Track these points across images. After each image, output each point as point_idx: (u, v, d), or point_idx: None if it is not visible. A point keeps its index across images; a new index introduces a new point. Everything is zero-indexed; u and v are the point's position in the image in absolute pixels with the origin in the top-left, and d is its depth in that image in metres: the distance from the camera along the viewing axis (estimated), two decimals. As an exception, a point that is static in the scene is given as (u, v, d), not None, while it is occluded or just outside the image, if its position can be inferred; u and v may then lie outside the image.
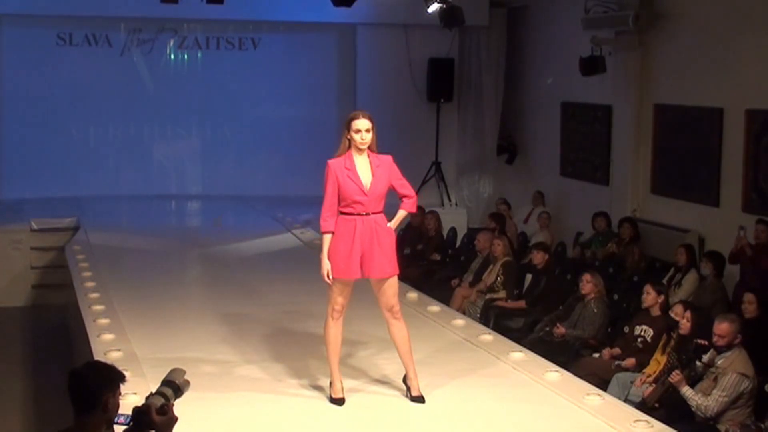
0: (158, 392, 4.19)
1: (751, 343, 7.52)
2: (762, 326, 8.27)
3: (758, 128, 10.91)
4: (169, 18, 15.40)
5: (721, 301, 9.54)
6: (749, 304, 8.37)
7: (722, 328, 7.28)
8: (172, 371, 4.29)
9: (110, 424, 4.26)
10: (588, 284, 9.42)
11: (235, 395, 6.73)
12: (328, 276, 6.56)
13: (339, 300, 6.61)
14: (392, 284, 6.64)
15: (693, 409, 7.21)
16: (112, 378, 4.27)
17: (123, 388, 4.36)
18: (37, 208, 14.29)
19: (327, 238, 6.58)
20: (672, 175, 12.46)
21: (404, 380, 6.81)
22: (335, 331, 6.65)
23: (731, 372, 7.15)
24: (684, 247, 10.51)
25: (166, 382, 4.24)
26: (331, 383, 6.71)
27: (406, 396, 6.72)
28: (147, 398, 4.17)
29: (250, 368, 7.33)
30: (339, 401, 6.64)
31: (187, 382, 4.28)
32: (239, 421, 6.32)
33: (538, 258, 10.94)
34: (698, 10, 12.01)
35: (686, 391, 7.26)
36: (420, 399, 6.66)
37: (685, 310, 8.02)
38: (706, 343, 7.44)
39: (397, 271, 6.68)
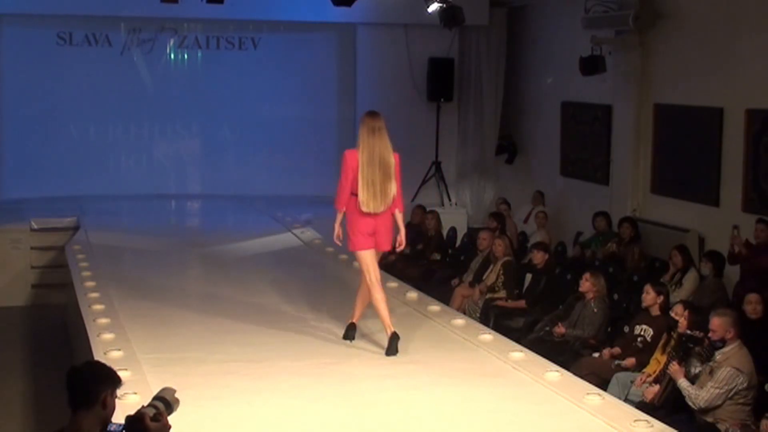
0: (150, 405, 4.26)
1: (754, 342, 7.53)
2: (763, 326, 8.27)
3: (758, 128, 10.91)
4: (169, 17, 15.38)
5: (721, 301, 9.52)
6: (757, 304, 8.35)
7: (714, 321, 7.34)
8: (163, 389, 4.37)
9: (106, 425, 4.27)
10: (586, 283, 9.43)
11: (235, 395, 6.73)
12: None
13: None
14: None
15: (686, 398, 7.25)
16: (111, 377, 4.31)
17: (123, 388, 4.38)
18: (37, 207, 14.28)
19: None
20: (672, 175, 12.46)
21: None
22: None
23: (726, 366, 7.18)
24: (677, 249, 10.47)
25: (158, 398, 4.31)
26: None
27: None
28: (139, 410, 4.22)
29: (250, 368, 7.33)
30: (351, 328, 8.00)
31: (177, 401, 4.35)
32: (239, 420, 6.32)
33: (538, 258, 10.94)
34: (698, 10, 12.01)
35: (682, 381, 7.30)
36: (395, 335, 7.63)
37: (684, 309, 8.04)
38: (702, 334, 7.47)
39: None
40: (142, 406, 4.25)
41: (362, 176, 7.62)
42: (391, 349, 7.59)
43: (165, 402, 4.28)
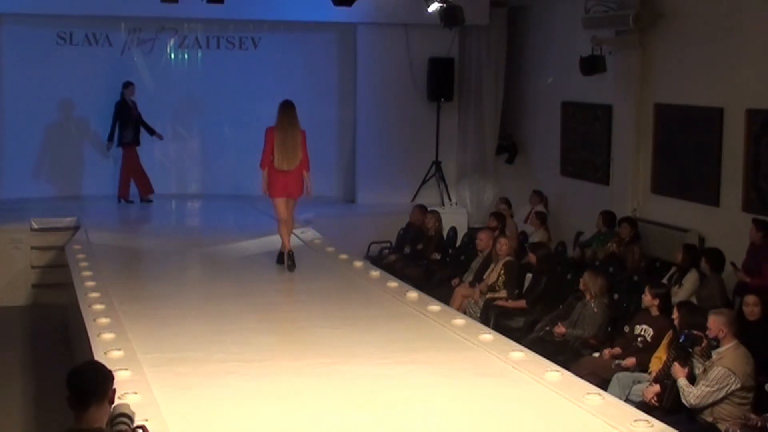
0: (118, 422, 4.47)
1: (753, 343, 7.53)
2: (762, 327, 8.27)
3: (758, 128, 10.91)
4: (169, 17, 15.38)
5: (719, 298, 9.54)
6: (754, 306, 8.35)
7: (709, 320, 7.41)
8: (118, 406, 4.57)
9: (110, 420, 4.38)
10: (581, 282, 9.47)
11: (235, 395, 6.73)
12: None
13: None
14: None
15: (681, 396, 7.28)
16: (111, 374, 4.49)
17: (124, 388, 4.45)
18: (37, 207, 14.29)
19: None
20: (672, 174, 12.46)
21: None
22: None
23: (720, 366, 7.20)
24: (683, 247, 10.49)
25: (120, 415, 4.53)
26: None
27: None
28: (113, 427, 4.42)
29: (250, 368, 7.32)
30: (280, 255, 10.82)
31: (134, 413, 4.61)
32: (239, 420, 6.31)
33: (531, 259, 10.99)
34: (698, 10, 12.01)
35: (681, 380, 7.33)
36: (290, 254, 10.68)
37: (678, 310, 8.07)
38: (701, 334, 7.49)
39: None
40: (111, 428, 4.42)
41: (277, 145, 10.65)
42: (291, 265, 10.59)
43: (129, 418, 4.51)
